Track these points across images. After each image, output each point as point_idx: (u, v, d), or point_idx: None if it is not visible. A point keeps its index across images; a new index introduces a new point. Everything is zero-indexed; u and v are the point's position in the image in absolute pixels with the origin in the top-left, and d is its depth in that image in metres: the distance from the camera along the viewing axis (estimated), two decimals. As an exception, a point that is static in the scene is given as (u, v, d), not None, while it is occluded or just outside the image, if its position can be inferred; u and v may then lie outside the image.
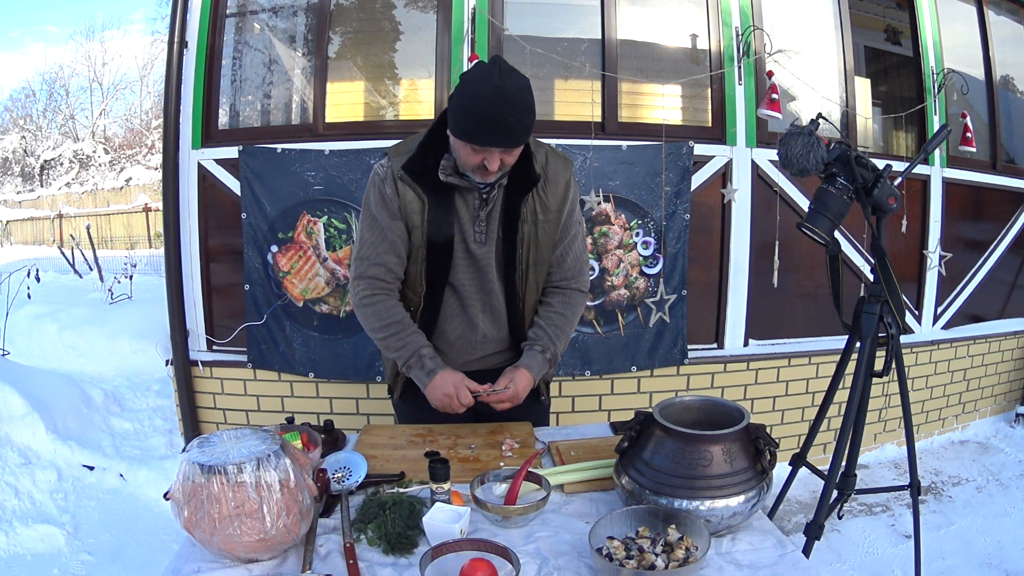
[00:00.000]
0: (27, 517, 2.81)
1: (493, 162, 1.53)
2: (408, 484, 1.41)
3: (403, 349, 1.69)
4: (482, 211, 1.67)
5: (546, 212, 1.69)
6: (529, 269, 1.72)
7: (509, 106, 1.46)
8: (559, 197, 1.71)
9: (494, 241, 1.69)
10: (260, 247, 3.13)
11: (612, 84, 3.18)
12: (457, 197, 1.66)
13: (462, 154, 1.55)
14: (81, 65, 23.34)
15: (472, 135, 1.50)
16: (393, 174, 1.65)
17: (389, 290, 1.72)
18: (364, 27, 3.31)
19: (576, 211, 1.79)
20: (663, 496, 1.22)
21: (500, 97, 1.45)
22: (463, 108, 1.50)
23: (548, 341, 1.75)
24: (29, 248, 13.61)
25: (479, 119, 1.48)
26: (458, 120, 1.53)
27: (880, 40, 3.82)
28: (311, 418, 2.77)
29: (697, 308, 3.34)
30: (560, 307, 1.78)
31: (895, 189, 2.03)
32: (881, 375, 2.12)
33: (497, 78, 1.46)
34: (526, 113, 1.50)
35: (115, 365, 4.66)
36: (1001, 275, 4.16)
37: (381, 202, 1.67)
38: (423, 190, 1.63)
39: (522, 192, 1.66)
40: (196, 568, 1.15)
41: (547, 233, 1.71)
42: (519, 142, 1.54)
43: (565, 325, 1.78)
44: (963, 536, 2.88)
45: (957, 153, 3.82)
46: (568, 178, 1.73)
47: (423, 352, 1.68)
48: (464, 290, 1.73)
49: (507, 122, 1.48)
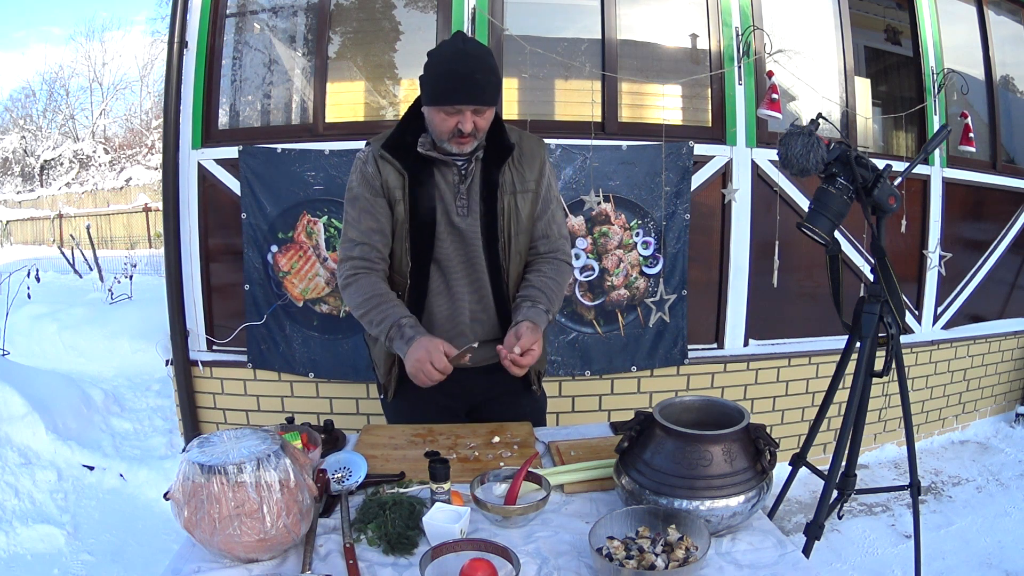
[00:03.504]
0: (27, 517, 2.81)
1: (467, 123, 1.58)
2: (408, 484, 1.40)
3: (384, 322, 1.66)
4: (462, 185, 1.71)
5: (524, 183, 1.74)
6: (511, 240, 1.74)
7: (473, 62, 1.57)
8: (536, 171, 1.76)
9: (477, 214, 1.72)
10: (260, 247, 3.13)
11: (612, 84, 3.18)
12: (437, 173, 1.70)
13: (436, 122, 1.61)
14: (81, 65, 23.39)
15: (441, 95, 1.58)
16: (374, 154, 1.71)
17: (373, 267, 1.73)
18: (364, 27, 3.31)
19: (553, 188, 1.84)
20: (663, 496, 1.22)
21: (464, 56, 1.57)
22: (431, 74, 1.60)
23: (541, 296, 1.74)
24: (29, 248, 13.61)
25: (446, 78, 1.57)
26: (428, 87, 1.61)
27: (880, 40, 3.82)
28: (311, 418, 2.77)
29: (697, 308, 3.34)
30: (551, 272, 1.79)
31: (895, 189, 2.03)
32: (881, 375, 2.12)
33: (460, 43, 1.60)
34: (491, 72, 1.60)
35: (115, 365, 4.66)
36: (1001, 275, 4.16)
37: (363, 181, 1.71)
38: (403, 166, 1.68)
39: (498, 163, 1.71)
40: (196, 568, 1.15)
41: (526, 204, 1.75)
42: (487, 100, 1.60)
43: (556, 288, 1.78)
44: (963, 536, 2.88)
45: (957, 153, 3.82)
46: (543, 156, 1.79)
47: (403, 321, 1.65)
48: (449, 263, 1.74)
49: (473, 78, 1.56)
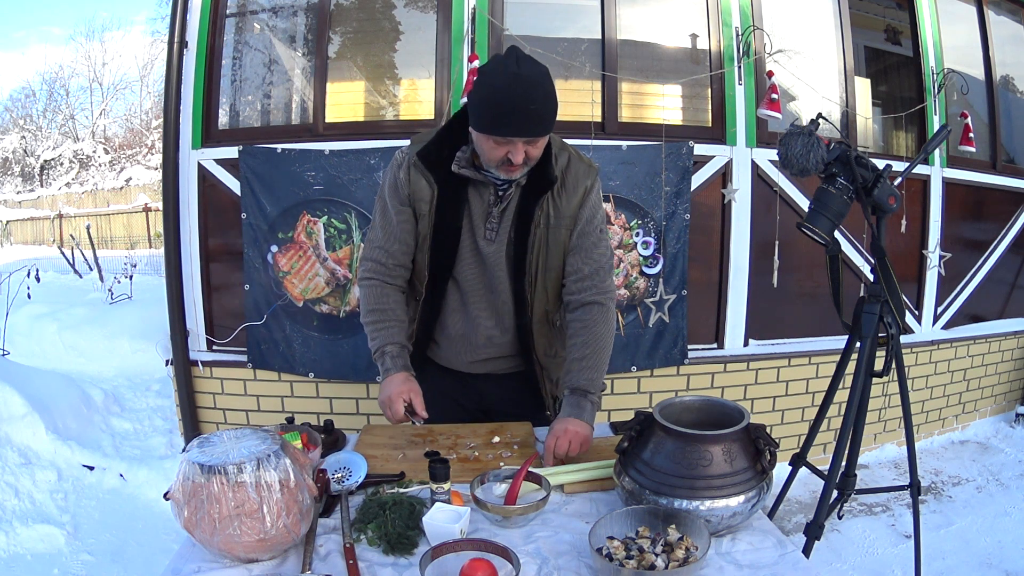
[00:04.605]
0: (27, 517, 2.81)
1: (518, 154, 1.48)
2: (408, 484, 1.40)
3: (375, 341, 1.69)
4: (495, 208, 1.64)
5: (559, 218, 1.63)
6: (538, 274, 1.67)
7: (528, 93, 1.43)
8: (575, 203, 1.64)
9: (505, 242, 1.65)
10: (260, 247, 3.13)
11: (612, 84, 3.18)
12: (471, 191, 1.63)
13: (485, 148, 1.51)
14: (81, 65, 23.37)
15: (493, 126, 1.47)
16: (408, 160, 1.65)
17: (388, 276, 1.72)
18: (364, 27, 3.31)
19: (597, 219, 1.69)
20: (663, 496, 1.22)
21: (518, 84, 1.42)
22: (482, 100, 1.47)
23: (590, 384, 1.60)
24: (29, 248, 13.60)
25: (499, 109, 1.44)
26: (478, 113, 1.49)
27: (880, 40, 3.82)
28: (311, 418, 2.77)
29: (697, 308, 3.34)
30: (585, 338, 1.64)
31: (895, 189, 2.03)
32: (881, 375, 2.12)
33: (514, 66, 1.43)
34: (547, 100, 1.47)
35: (115, 365, 4.66)
36: (1001, 275, 4.16)
37: (394, 187, 1.68)
38: (434, 179, 1.62)
39: (537, 194, 1.61)
40: (196, 568, 1.15)
41: (557, 239, 1.65)
42: (542, 131, 1.50)
43: (594, 356, 1.63)
44: (963, 536, 2.88)
45: (957, 153, 3.82)
46: (589, 185, 1.66)
47: (387, 349, 1.67)
48: (468, 286, 1.70)
49: (528, 110, 1.44)
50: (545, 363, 1.78)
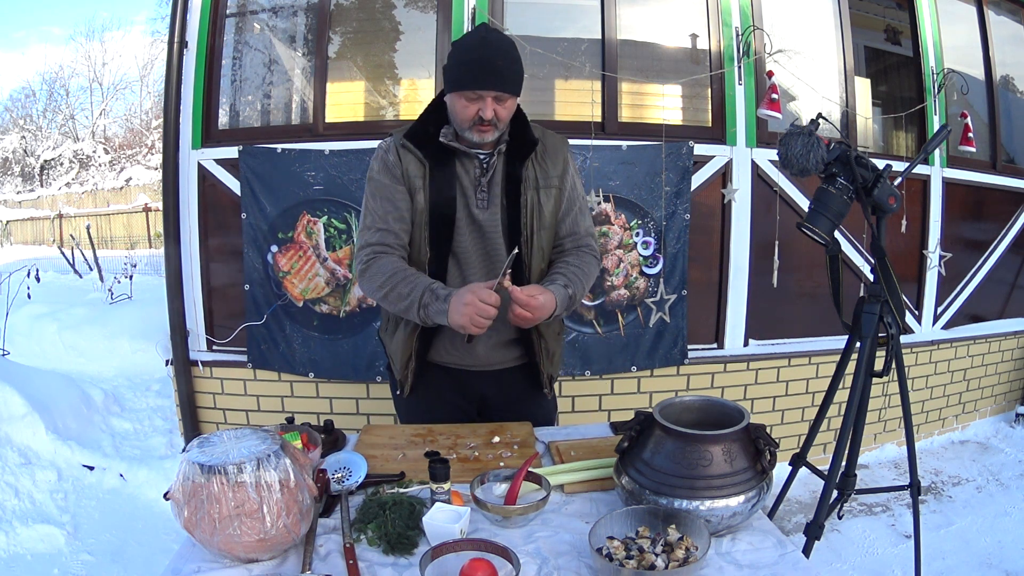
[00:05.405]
0: (27, 517, 2.81)
1: (487, 110, 1.58)
2: (408, 484, 1.40)
3: (413, 291, 1.61)
4: (483, 178, 1.70)
5: (547, 180, 1.73)
6: (533, 235, 1.72)
7: (495, 50, 1.58)
8: (559, 167, 1.75)
9: (498, 207, 1.71)
10: (260, 247, 3.13)
11: (612, 84, 3.18)
12: (458, 164, 1.70)
13: (458, 109, 1.61)
14: (81, 65, 23.38)
15: (462, 82, 1.58)
16: (395, 144, 1.71)
17: (391, 251, 1.70)
18: (364, 27, 3.31)
19: (578, 185, 1.82)
20: (663, 496, 1.22)
21: (486, 45, 1.58)
22: (453, 61, 1.61)
23: (567, 279, 1.68)
24: (29, 248, 13.61)
25: (468, 64, 1.58)
26: (450, 73, 1.62)
27: (880, 40, 3.82)
28: (311, 418, 2.77)
29: (697, 308, 3.34)
30: (575, 261, 1.75)
31: (895, 189, 2.03)
32: (881, 375, 2.12)
33: (483, 31, 1.62)
34: (514, 62, 1.61)
35: (115, 365, 4.66)
36: (1001, 275, 4.16)
37: (384, 168, 1.71)
38: (424, 155, 1.68)
39: (522, 158, 1.70)
40: (196, 568, 1.15)
41: (550, 200, 1.73)
42: (509, 88, 1.60)
43: (580, 274, 1.72)
44: (963, 536, 2.88)
45: (957, 153, 3.82)
46: (566, 154, 1.78)
47: (434, 286, 1.61)
48: (467, 256, 1.73)
49: (495, 65, 1.57)
50: (543, 331, 1.79)
